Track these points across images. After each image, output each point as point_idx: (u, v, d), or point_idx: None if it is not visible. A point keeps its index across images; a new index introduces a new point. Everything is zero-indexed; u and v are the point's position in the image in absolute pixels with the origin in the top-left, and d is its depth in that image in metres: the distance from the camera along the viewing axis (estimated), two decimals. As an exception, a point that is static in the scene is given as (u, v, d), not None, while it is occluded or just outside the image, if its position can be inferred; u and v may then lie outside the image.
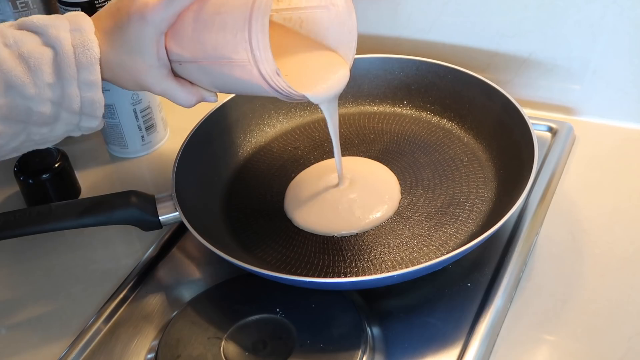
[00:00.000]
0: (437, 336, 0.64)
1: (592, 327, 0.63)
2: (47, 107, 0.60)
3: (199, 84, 0.64)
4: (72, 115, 0.61)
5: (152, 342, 0.67)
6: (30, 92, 0.59)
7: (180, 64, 0.62)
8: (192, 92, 0.64)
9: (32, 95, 0.59)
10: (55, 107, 0.60)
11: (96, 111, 0.62)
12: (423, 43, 0.92)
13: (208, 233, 0.69)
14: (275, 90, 0.61)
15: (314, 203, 0.76)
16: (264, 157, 0.84)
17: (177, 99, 0.64)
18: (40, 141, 0.63)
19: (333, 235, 0.73)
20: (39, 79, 0.59)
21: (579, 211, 0.75)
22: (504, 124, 0.78)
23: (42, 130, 0.62)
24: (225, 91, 0.66)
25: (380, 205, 0.75)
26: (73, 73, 0.60)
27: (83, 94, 0.61)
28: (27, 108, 0.59)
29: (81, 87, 0.60)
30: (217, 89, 0.65)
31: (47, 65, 0.59)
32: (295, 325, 0.64)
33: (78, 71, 0.60)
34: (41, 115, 0.60)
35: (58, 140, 0.65)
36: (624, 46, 0.81)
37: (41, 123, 0.61)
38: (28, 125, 0.61)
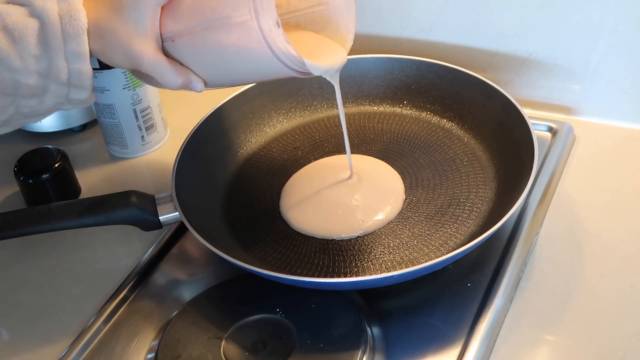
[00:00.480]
0: (437, 336, 0.64)
1: (592, 327, 0.63)
2: (34, 79, 0.59)
3: (188, 64, 0.62)
4: (61, 87, 0.61)
5: (152, 342, 0.67)
6: (16, 64, 0.58)
7: (172, 40, 0.61)
8: (180, 71, 0.62)
9: (18, 67, 0.58)
10: (42, 79, 0.59)
11: (84, 82, 0.61)
12: (423, 43, 0.92)
13: (208, 233, 0.69)
14: (274, 53, 0.58)
15: (312, 205, 0.76)
16: (264, 157, 0.84)
17: (164, 76, 0.61)
18: (30, 114, 0.62)
19: (332, 238, 0.73)
20: (24, 51, 0.58)
21: (579, 211, 0.75)
22: (504, 124, 0.78)
23: (30, 102, 0.61)
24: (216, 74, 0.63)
25: (384, 207, 0.75)
26: (59, 44, 0.59)
27: (70, 65, 0.59)
28: (14, 81, 0.59)
29: (68, 59, 0.59)
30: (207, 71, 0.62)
31: (32, 36, 0.58)
32: (295, 325, 0.64)
33: (65, 42, 0.59)
34: (29, 87, 0.59)
35: (49, 114, 0.64)
36: (624, 46, 0.81)
37: (29, 95, 0.60)
38: (16, 98, 0.60)
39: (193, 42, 0.60)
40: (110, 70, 0.82)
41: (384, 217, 0.73)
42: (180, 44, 0.61)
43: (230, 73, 0.63)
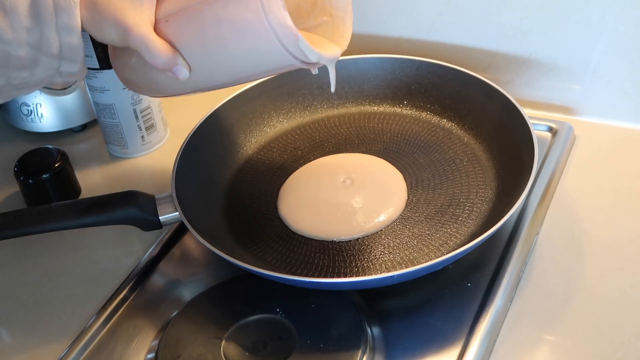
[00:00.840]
0: (437, 336, 0.64)
1: (592, 327, 0.63)
2: (25, 51, 0.59)
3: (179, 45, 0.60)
4: (52, 59, 0.60)
5: (152, 342, 0.67)
6: (7, 36, 0.58)
7: (166, 20, 0.60)
8: (168, 48, 0.60)
9: (9, 39, 0.58)
10: (33, 51, 0.59)
11: (76, 55, 0.61)
12: (423, 43, 0.92)
13: (208, 233, 0.69)
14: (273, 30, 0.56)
15: (312, 207, 0.76)
16: (264, 157, 0.84)
17: (150, 49, 0.59)
18: (20, 86, 0.62)
19: (332, 240, 0.73)
20: (15, 23, 0.58)
21: (579, 211, 0.75)
22: (504, 124, 0.78)
23: (21, 74, 0.60)
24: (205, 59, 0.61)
25: (386, 208, 0.74)
26: (51, 16, 0.58)
27: (62, 38, 0.59)
28: (5, 52, 0.58)
29: (59, 32, 0.59)
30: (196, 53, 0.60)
31: (23, 8, 0.58)
32: (295, 325, 0.64)
33: (56, 15, 0.58)
34: (20, 59, 0.59)
35: (39, 86, 0.64)
36: (624, 46, 0.81)
37: (20, 67, 0.60)
38: (7, 70, 0.59)
39: (187, 19, 0.59)
40: (111, 70, 0.82)
41: (385, 219, 0.73)
42: (173, 23, 0.60)
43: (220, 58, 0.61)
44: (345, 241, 0.72)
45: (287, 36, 0.56)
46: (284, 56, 0.58)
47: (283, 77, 0.87)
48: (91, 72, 0.83)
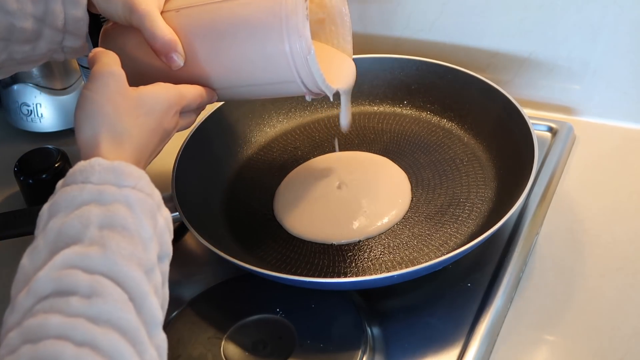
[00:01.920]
0: (437, 336, 0.64)
1: (592, 327, 0.63)
2: (29, 23, 0.58)
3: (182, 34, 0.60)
4: (56, 32, 0.60)
5: (152, 342, 0.66)
6: (12, 6, 0.58)
7: (177, 11, 0.60)
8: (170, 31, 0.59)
9: (14, 10, 0.58)
10: (38, 23, 0.59)
11: (80, 29, 0.60)
12: (423, 43, 0.92)
13: (208, 233, 0.69)
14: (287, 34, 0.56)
15: (310, 210, 0.76)
16: (264, 157, 0.84)
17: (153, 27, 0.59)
18: (22, 60, 0.61)
19: (332, 243, 0.72)
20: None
21: (579, 211, 0.75)
22: (504, 124, 0.78)
23: (24, 48, 0.60)
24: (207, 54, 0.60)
25: (389, 211, 0.74)
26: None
27: (67, 10, 0.59)
28: (9, 24, 0.58)
29: (65, 4, 0.59)
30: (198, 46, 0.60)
31: None
32: (295, 325, 0.64)
33: None
34: (23, 31, 0.58)
35: (41, 62, 0.63)
36: (624, 46, 0.81)
37: (23, 40, 0.59)
38: (10, 43, 0.59)
39: (199, 12, 0.59)
40: (110, 70, 0.82)
41: (388, 221, 0.73)
42: (183, 14, 0.59)
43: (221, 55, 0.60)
44: (345, 244, 0.72)
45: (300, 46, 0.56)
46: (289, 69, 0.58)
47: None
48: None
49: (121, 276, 0.45)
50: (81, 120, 0.53)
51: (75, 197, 0.48)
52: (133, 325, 0.43)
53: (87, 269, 0.44)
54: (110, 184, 0.48)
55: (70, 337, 0.41)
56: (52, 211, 0.48)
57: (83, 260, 0.45)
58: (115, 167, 0.49)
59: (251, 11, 0.57)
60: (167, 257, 0.50)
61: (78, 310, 0.42)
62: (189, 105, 0.59)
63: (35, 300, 0.43)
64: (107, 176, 0.48)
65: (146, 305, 0.45)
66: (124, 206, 0.47)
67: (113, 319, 0.43)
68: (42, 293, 0.43)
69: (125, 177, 0.49)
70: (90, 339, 0.41)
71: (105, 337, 0.42)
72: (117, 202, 0.47)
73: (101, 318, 0.42)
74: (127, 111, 0.54)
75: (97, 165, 0.49)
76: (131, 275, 0.45)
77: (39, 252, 0.46)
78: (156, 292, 0.47)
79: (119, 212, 0.47)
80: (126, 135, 0.53)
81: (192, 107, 0.61)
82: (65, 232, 0.46)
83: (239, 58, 0.59)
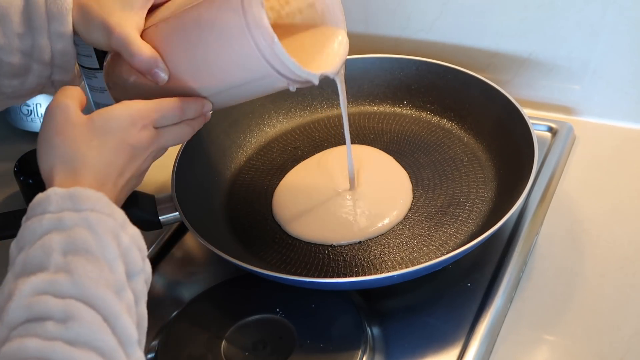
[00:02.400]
0: (437, 336, 0.64)
1: (592, 327, 0.63)
2: (17, 58, 0.59)
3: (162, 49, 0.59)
4: (44, 67, 0.60)
5: (152, 342, 0.66)
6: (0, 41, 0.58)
7: (155, 25, 0.59)
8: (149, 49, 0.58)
9: (1, 45, 0.58)
10: (25, 58, 0.59)
11: (68, 63, 0.61)
12: (423, 43, 0.92)
13: (208, 233, 0.69)
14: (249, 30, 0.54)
15: (309, 211, 0.75)
16: (264, 157, 0.84)
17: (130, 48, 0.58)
18: (12, 95, 0.62)
19: (332, 245, 0.72)
20: (7, 29, 0.58)
21: (579, 211, 0.75)
22: (504, 124, 0.78)
23: (13, 82, 0.60)
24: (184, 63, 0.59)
25: (390, 211, 0.74)
26: (43, 23, 0.58)
27: (54, 45, 0.59)
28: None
29: (52, 38, 0.59)
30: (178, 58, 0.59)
31: (16, 14, 0.58)
32: (295, 325, 0.64)
33: (48, 21, 0.58)
34: (11, 66, 0.59)
35: (32, 96, 0.64)
36: (624, 46, 0.81)
37: (12, 75, 0.60)
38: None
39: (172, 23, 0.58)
40: (110, 70, 0.82)
41: (389, 222, 0.73)
42: (160, 28, 0.59)
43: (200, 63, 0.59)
44: (345, 245, 0.72)
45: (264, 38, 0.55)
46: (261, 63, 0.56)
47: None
48: (91, 72, 0.83)
49: (92, 298, 0.45)
50: (39, 157, 0.54)
51: (36, 229, 0.48)
52: (111, 346, 0.44)
53: (57, 294, 0.44)
54: (68, 210, 0.48)
55: (50, 358, 0.41)
56: (18, 246, 0.48)
57: (52, 286, 0.44)
58: (72, 193, 0.49)
59: (215, 12, 0.56)
60: (138, 274, 0.49)
61: (54, 334, 0.42)
62: (164, 117, 0.57)
63: (8, 330, 0.43)
64: (65, 203, 0.48)
65: (119, 324, 0.45)
66: (84, 229, 0.47)
67: (90, 341, 0.43)
68: (16, 322, 0.43)
69: (83, 201, 0.48)
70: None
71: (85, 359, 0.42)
72: (78, 226, 0.47)
73: (79, 341, 0.43)
74: (78, 138, 0.53)
75: (53, 194, 0.49)
76: (102, 296, 0.45)
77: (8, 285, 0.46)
78: (129, 311, 0.47)
79: (80, 235, 0.47)
80: (80, 162, 0.53)
81: (172, 119, 0.58)
82: (30, 263, 0.46)
83: (215, 62, 0.58)
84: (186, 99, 0.59)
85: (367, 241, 0.72)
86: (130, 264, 0.49)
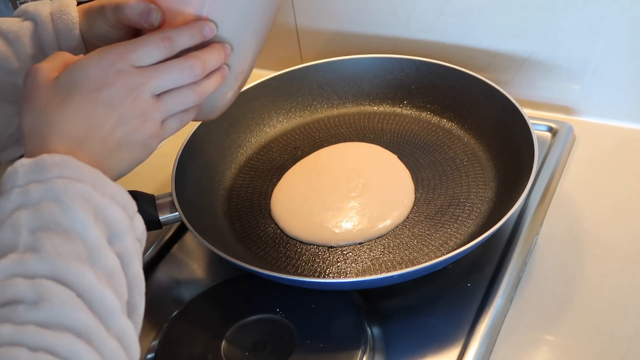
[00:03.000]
0: (437, 336, 0.64)
1: (592, 327, 0.63)
2: None
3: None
4: None
5: (152, 342, 0.66)
6: (14, 65, 0.58)
7: None
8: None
9: (17, 69, 0.58)
10: None
11: None
12: (423, 43, 0.92)
13: (208, 233, 0.69)
14: None
15: (309, 212, 0.75)
16: (264, 157, 0.84)
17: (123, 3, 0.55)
18: None
19: (331, 246, 0.72)
20: (20, 52, 0.58)
21: (579, 211, 0.75)
22: (504, 124, 0.78)
23: None
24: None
25: (391, 213, 0.74)
26: (53, 40, 0.58)
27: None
28: (14, 85, 0.58)
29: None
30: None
31: (26, 36, 0.57)
32: (295, 325, 0.64)
33: (57, 38, 0.58)
34: None
35: None
36: (624, 46, 0.81)
37: None
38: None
39: None
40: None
41: (390, 223, 0.73)
42: None
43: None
44: (346, 245, 0.72)
45: None
46: None
47: (283, 77, 0.87)
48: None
49: (63, 275, 0.42)
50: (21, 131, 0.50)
51: (6, 206, 0.45)
52: (86, 323, 0.42)
53: (26, 275, 0.42)
54: (35, 181, 0.45)
55: (24, 343, 0.40)
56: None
57: (21, 267, 0.42)
58: (37, 162, 0.45)
59: None
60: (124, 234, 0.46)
61: (27, 318, 0.41)
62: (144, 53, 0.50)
63: None
64: (31, 174, 0.45)
65: (96, 297, 0.43)
66: (51, 202, 0.44)
67: (64, 321, 0.41)
68: None
69: (49, 169, 0.45)
70: (44, 343, 0.40)
71: (60, 341, 0.40)
72: (44, 199, 0.44)
73: (51, 322, 0.41)
74: (43, 100, 0.48)
75: (19, 167, 0.45)
76: (73, 271, 0.43)
77: None
78: (109, 279, 0.44)
79: (47, 208, 0.44)
80: (49, 127, 0.48)
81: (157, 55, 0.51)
82: (1, 244, 0.44)
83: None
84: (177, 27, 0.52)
85: (367, 241, 0.72)
86: (112, 225, 0.46)
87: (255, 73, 0.91)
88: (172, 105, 0.52)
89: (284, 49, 1.01)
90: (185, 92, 0.52)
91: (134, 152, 0.51)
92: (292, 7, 0.97)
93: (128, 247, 0.46)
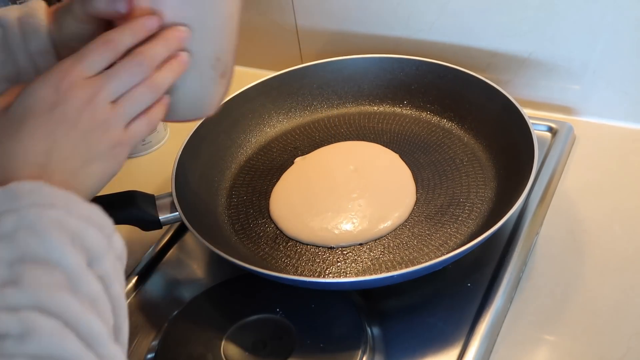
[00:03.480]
0: (437, 336, 0.64)
1: (592, 327, 0.63)
2: (3, 87, 0.57)
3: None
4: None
5: (152, 342, 0.67)
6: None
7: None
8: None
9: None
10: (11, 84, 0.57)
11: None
12: (423, 43, 0.92)
13: (208, 233, 0.69)
14: None
15: (308, 212, 0.75)
16: (264, 157, 0.84)
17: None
18: None
19: (331, 247, 0.72)
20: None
21: (579, 211, 0.75)
22: (504, 124, 0.78)
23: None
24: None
25: (392, 214, 0.74)
26: (20, 44, 0.57)
27: (38, 64, 0.57)
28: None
29: (34, 58, 0.57)
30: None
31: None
32: (295, 325, 0.64)
33: (25, 41, 0.56)
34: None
35: None
36: (624, 46, 0.81)
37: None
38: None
39: None
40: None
41: (390, 224, 0.73)
42: None
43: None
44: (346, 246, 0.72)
45: None
46: None
47: (283, 77, 0.87)
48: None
49: (48, 305, 0.40)
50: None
51: None
52: (76, 352, 0.40)
53: (9, 308, 0.40)
54: (8, 211, 0.43)
55: None
56: None
57: (2, 301, 0.40)
58: (7, 191, 0.43)
59: None
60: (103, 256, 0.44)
61: (16, 351, 0.39)
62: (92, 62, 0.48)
63: None
64: (3, 204, 0.43)
65: (82, 325, 0.41)
66: (26, 231, 0.42)
67: (55, 353, 0.39)
68: None
69: (20, 198, 0.43)
70: None
71: None
72: (19, 228, 0.42)
73: (42, 354, 0.39)
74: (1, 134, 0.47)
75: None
76: (57, 301, 0.41)
77: None
78: (94, 305, 0.43)
79: (22, 240, 0.42)
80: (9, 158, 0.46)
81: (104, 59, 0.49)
82: None
83: None
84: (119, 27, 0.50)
85: (367, 242, 0.72)
86: (90, 248, 0.44)
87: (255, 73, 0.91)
88: (130, 107, 0.50)
89: (284, 49, 1.01)
90: (140, 90, 0.50)
91: (103, 165, 0.50)
92: (292, 7, 0.97)
93: (107, 269, 0.45)
